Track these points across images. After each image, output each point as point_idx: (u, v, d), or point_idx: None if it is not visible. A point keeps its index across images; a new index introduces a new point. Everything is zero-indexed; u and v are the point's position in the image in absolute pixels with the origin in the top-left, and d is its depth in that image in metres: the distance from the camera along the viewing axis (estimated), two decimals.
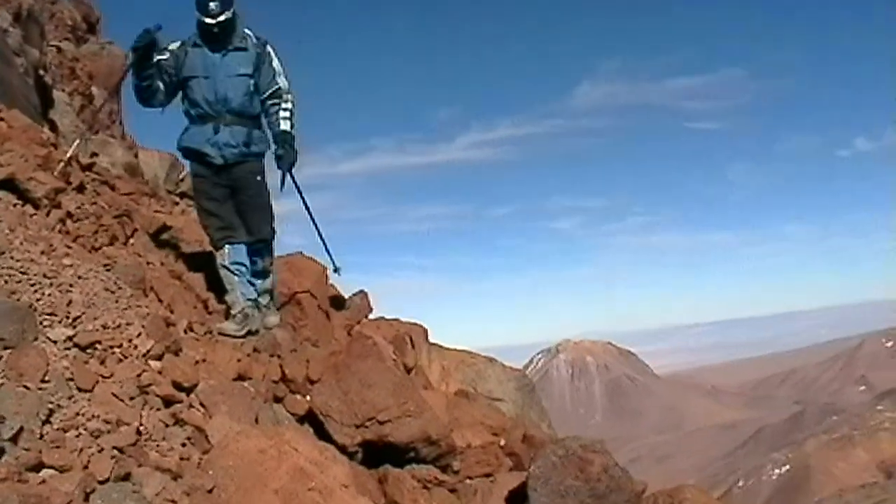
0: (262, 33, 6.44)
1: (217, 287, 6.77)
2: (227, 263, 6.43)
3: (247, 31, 6.38)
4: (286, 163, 6.25)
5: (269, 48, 6.38)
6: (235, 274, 6.45)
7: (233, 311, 6.36)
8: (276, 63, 6.39)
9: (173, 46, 6.29)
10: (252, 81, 6.30)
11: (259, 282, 6.54)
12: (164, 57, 6.23)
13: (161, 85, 6.29)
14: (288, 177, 6.32)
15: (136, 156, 11.13)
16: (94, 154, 8.90)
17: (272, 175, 6.40)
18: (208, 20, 6.09)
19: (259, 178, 6.43)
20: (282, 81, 6.40)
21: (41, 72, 8.93)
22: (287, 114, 6.36)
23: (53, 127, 8.59)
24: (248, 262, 6.48)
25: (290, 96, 6.42)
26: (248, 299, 6.45)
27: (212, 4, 6.08)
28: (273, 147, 6.38)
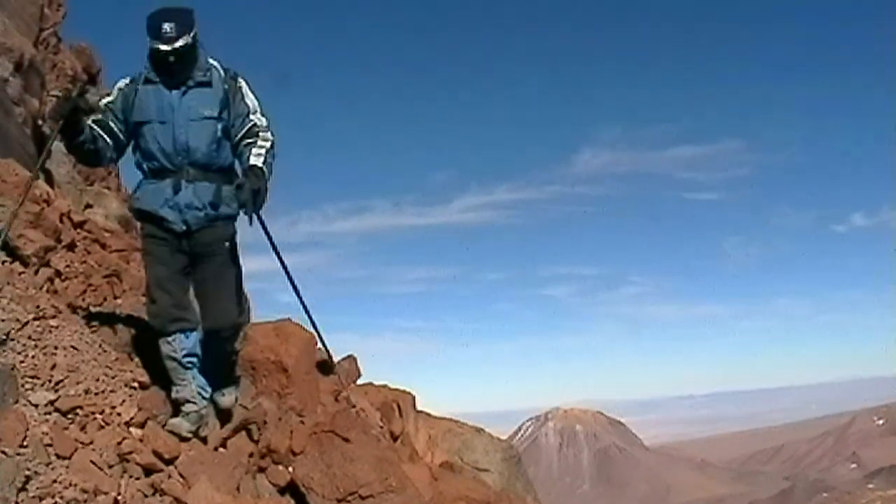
0: (231, 65, 5.19)
1: None
2: (178, 356, 5.06)
3: (212, 61, 5.13)
4: (247, 192, 4.79)
5: (240, 81, 5.14)
6: (187, 367, 5.10)
7: (183, 409, 5.05)
8: (249, 98, 5.14)
9: (122, 84, 5.09)
10: (220, 126, 5.05)
11: (216, 392, 5.29)
12: (110, 99, 5.06)
13: (106, 140, 5.04)
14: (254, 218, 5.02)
15: (130, 208, 11.14)
16: (89, 206, 8.91)
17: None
18: (163, 47, 4.83)
19: (228, 244, 5.17)
20: (258, 119, 5.11)
21: (39, 121, 8.97)
22: (261, 150, 4.99)
23: (49, 177, 8.60)
24: (199, 354, 5.18)
25: (268, 135, 5.09)
26: (205, 398, 5.17)
27: (166, 26, 4.82)
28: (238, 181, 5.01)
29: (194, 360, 5.13)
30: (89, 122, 5.01)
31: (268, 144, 5.04)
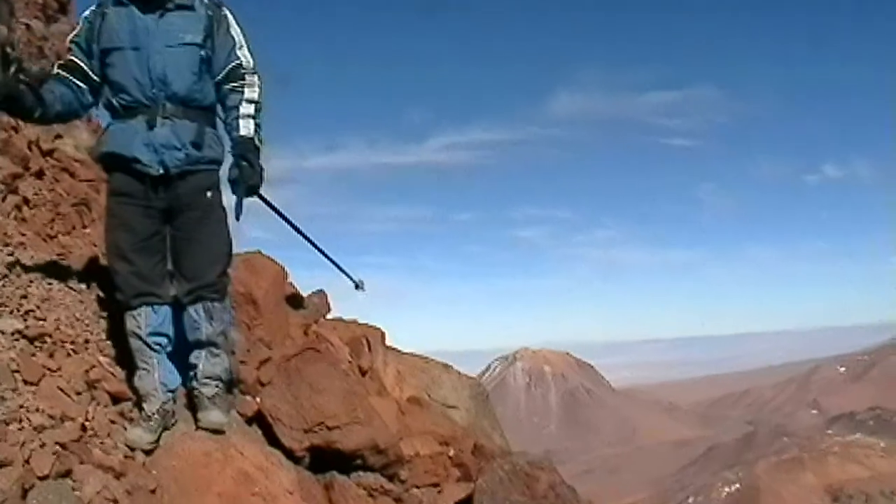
0: None
1: None
2: (142, 333, 4.36)
3: None
4: (243, 187, 4.24)
5: (225, 10, 4.42)
6: (154, 349, 4.40)
7: (145, 408, 4.31)
8: (235, 30, 4.42)
9: (87, 13, 4.33)
10: (202, 54, 4.30)
11: (201, 359, 4.53)
12: (75, 33, 4.35)
13: (77, 85, 4.31)
14: (253, 199, 4.47)
15: (94, 157, 11.04)
16: (58, 136, 8.78)
17: (228, 195, 4.40)
18: None
19: (209, 194, 4.38)
20: (244, 56, 4.42)
21: (8, 49, 8.83)
22: (250, 109, 4.35)
23: None
24: (170, 333, 4.47)
25: (255, 78, 4.42)
26: (170, 390, 4.42)
27: None
28: (230, 158, 4.36)
29: (162, 340, 4.44)
30: (54, 70, 4.38)
31: (257, 95, 4.40)
